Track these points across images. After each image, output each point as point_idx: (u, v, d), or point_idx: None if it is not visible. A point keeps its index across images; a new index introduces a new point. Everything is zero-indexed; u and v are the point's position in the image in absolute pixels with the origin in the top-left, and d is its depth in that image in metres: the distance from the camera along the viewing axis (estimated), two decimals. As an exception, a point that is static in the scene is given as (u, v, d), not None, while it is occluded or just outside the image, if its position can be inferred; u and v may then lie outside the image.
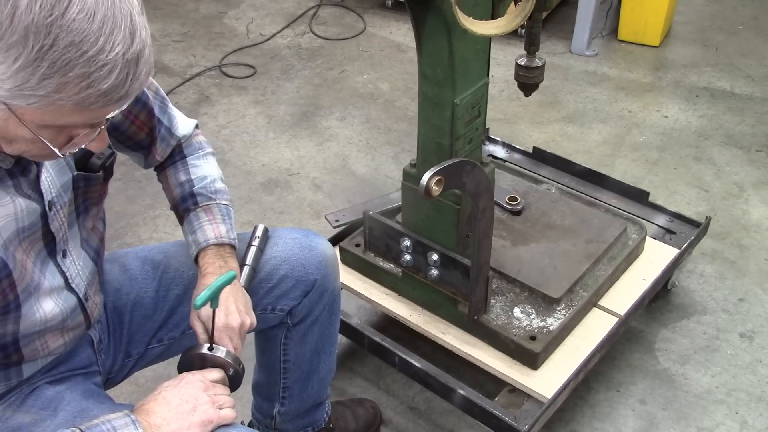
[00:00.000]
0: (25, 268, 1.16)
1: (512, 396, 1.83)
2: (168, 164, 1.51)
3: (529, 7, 1.54)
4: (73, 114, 0.97)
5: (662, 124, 3.20)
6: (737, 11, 4.05)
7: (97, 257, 1.35)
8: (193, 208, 1.46)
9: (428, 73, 1.62)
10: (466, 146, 1.72)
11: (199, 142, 1.54)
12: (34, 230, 1.17)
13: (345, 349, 2.22)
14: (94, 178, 1.28)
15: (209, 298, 1.25)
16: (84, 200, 1.28)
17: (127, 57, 0.95)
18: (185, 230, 1.46)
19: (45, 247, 1.21)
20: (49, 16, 0.89)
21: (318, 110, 3.33)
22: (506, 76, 3.44)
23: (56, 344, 1.29)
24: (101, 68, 0.93)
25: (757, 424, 2.03)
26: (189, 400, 1.20)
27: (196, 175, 1.48)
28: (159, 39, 3.85)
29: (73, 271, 1.27)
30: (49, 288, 1.22)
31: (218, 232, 1.43)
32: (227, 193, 1.52)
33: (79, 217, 1.28)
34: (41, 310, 1.21)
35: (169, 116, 1.46)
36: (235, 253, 1.45)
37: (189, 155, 1.51)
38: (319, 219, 2.69)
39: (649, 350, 2.23)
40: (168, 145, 1.48)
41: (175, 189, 1.48)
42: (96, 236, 1.35)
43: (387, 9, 4.09)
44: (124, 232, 2.66)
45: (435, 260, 1.83)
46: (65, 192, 1.22)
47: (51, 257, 1.22)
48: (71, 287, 1.27)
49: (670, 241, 2.25)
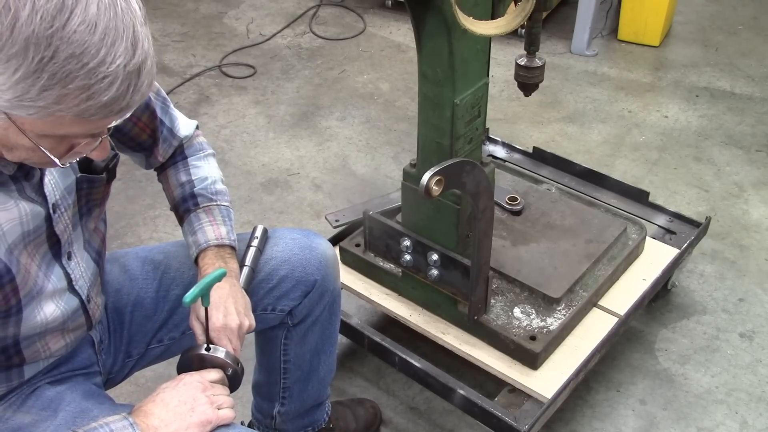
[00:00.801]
0: (28, 272, 1.16)
1: (512, 396, 1.83)
2: (169, 164, 1.51)
3: (529, 7, 1.54)
4: (73, 125, 0.97)
5: (662, 124, 3.20)
6: (737, 11, 4.05)
7: (99, 258, 1.35)
8: (194, 209, 1.46)
9: (428, 73, 1.62)
10: (466, 146, 1.72)
11: (200, 143, 1.54)
12: (38, 233, 1.17)
13: (345, 349, 2.22)
14: (98, 180, 1.28)
15: (198, 294, 1.23)
16: (87, 202, 1.28)
17: (128, 69, 0.94)
18: (185, 231, 1.46)
19: (50, 250, 1.21)
20: (50, 28, 0.88)
21: (318, 110, 3.33)
22: (506, 76, 3.44)
23: (57, 346, 1.29)
24: (102, 80, 0.92)
25: (757, 424, 2.03)
26: (187, 400, 1.20)
27: (197, 176, 1.48)
28: (159, 39, 3.85)
29: (77, 272, 1.27)
30: (52, 291, 1.22)
31: (219, 233, 1.43)
32: (228, 194, 1.52)
33: (82, 218, 1.28)
34: (42, 313, 1.21)
35: (170, 117, 1.46)
36: (235, 254, 1.45)
37: (190, 156, 1.51)
38: (319, 219, 2.69)
39: (649, 350, 2.23)
40: (170, 146, 1.48)
41: (176, 189, 1.48)
42: (98, 237, 1.35)
43: (387, 9, 4.09)
44: (124, 232, 2.66)
45: (435, 260, 1.83)
46: (69, 194, 1.22)
47: (56, 259, 1.23)
48: (74, 289, 1.27)
49: (670, 241, 2.25)
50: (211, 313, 1.31)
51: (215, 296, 1.33)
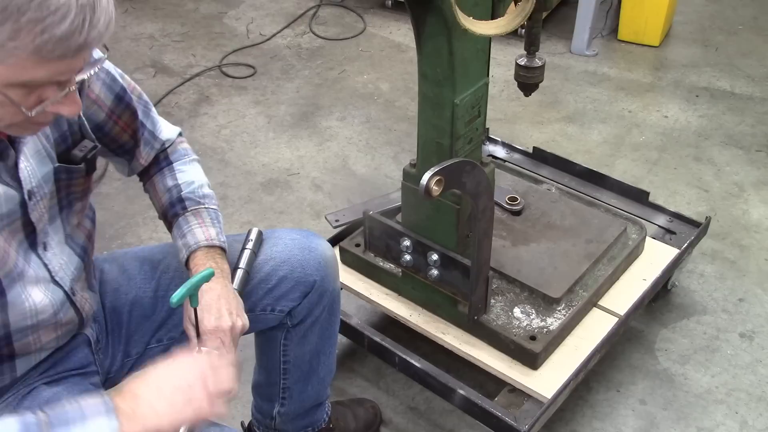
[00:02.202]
0: (7, 254, 1.16)
1: (512, 396, 1.83)
2: (154, 172, 1.51)
3: (529, 7, 1.54)
4: (35, 67, 0.97)
5: (662, 124, 3.20)
6: (737, 11, 4.04)
7: (84, 254, 1.35)
8: (182, 212, 1.46)
9: (428, 73, 1.62)
10: (466, 146, 1.72)
11: (184, 149, 1.54)
12: (12, 218, 1.17)
13: (345, 349, 2.21)
14: (76, 170, 1.28)
15: (185, 295, 1.21)
16: (67, 194, 1.28)
17: (80, 2, 0.95)
18: (175, 235, 1.45)
19: (26, 239, 1.21)
20: None
21: (318, 110, 3.33)
22: (506, 76, 3.44)
23: (48, 338, 1.29)
24: (54, 12, 0.93)
25: (757, 424, 2.03)
26: (184, 388, 1.06)
27: (183, 180, 1.48)
28: (159, 39, 3.86)
29: (56, 264, 1.27)
30: (34, 277, 1.22)
31: (208, 234, 1.43)
32: (215, 198, 1.52)
33: (63, 211, 1.28)
34: (30, 299, 1.21)
35: (152, 120, 1.47)
36: (225, 256, 1.44)
37: (175, 161, 1.51)
38: (319, 219, 2.69)
39: (649, 350, 2.23)
40: (152, 148, 1.48)
41: (164, 195, 1.48)
42: (82, 233, 1.35)
43: (387, 9, 4.09)
44: (124, 232, 2.66)
45: (435, 260, 1.82)
46: (46, 183, 1.22)
47: (32, 249, 1.23)
48: (55, 281, 1.27)
49: (670, 241, 2.25)
50: (202, 316, 1.31)
51: (206, 298, 1.33)
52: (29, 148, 1.19)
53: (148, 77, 3.54)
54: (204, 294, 1.32)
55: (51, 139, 1.24)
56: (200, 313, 1.30)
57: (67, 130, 1.27)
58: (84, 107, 1.30)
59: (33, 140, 1.20)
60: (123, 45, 3.79)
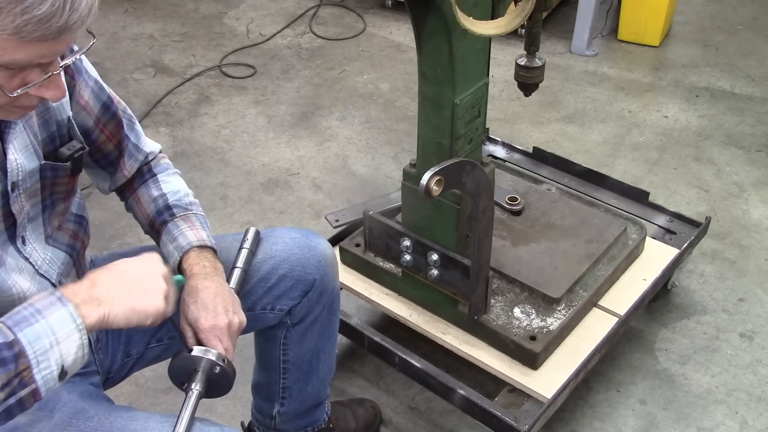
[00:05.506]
0: None
1: (512, 396, 1.83)
2: (138, 184, 1.51)
3: (529, 7, 1.54)
4: (16, 48, 0.98)
5: (662, 124, 3.20)
6: (737, 11, 4.04)
7: (72, 250, 1.36)
8: (170, 219, 1.46)
9: (428, 73, 1.62)
10: (466, 146, 1.72)
11: (166, 163, 1.56)
12: None
13: (345, 349, 2.21)
14: (61, 169, 1.29)
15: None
16: (51, 193, 1.29)
17: None
18: (164, 241, 1.45)
19: (5, 230, 1.22)
20: None
21: (318, 110, 3.33)
22: (506, 76, 3.44)
23: None
24: None
25: (757, 424, 2.03)
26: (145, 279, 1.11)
27: (169, 189, 1.49)
28: (159, 39, 3.86)
29: (38, 258, 1.28)
30: (15, 266, 1.23)
31: (199, 236, 1.43)
32: (200, 206, 1.52)
33: (45, 211, 1.29)
34: (17, 286, 1.22)
35: (136, 133, 1.48)
36: (217, 257, 1.44)
37: (159, 173, 1.52)
38: (319, 219, 2.69)
39: (649, 350, 2.23)
40: (135, 160, 1.49)
41: (149, 205, 1.49)
42: (66, 234, 1.36)
43: (387, 9, 4.09)
44: (124, 232, 2.66)
45: (435, 260, 1.82)
46: (31, 178, 1.23)
47: (11, 241, 1.24)
48: (41, 273, 1.28)
49: (670, 241, 2.25)
50: (199, 314, 1.31)
51: (202, 296, 1.32)
52: (18, 141, 1.20)
53: (148, 77, 3.54)
54: (200, 293, 1.32)
55: (39, 138, 1.25)
56: (197, 312, 1.30)
57: (56, 132, 1.29)
58: (74, 112, 1.32)
59: (22, 135, 1.21)
60: (123, 45, 3.79)
